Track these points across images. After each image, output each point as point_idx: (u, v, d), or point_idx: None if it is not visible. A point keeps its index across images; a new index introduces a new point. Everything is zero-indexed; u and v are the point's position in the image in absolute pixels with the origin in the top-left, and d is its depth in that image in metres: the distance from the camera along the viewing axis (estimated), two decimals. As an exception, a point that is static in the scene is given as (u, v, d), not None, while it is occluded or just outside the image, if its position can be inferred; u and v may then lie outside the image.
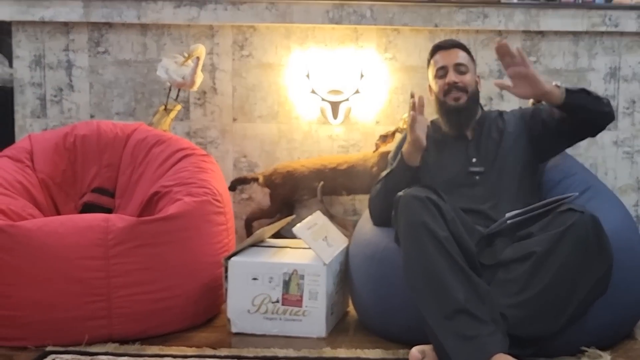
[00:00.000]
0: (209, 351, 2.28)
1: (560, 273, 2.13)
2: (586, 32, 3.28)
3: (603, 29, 3.25)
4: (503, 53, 2.30)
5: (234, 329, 2.46)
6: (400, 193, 2.29)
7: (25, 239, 2.26)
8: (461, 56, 2.63)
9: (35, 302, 2.26)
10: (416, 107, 2.43)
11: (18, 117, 3.39)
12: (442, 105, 2.61)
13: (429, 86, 2.70)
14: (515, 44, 3.22)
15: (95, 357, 2.21)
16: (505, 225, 2.30)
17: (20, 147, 2.78)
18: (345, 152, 3.36)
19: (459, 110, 2.58)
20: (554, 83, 2.34)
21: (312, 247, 2.46)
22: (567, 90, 2.35)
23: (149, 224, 2.37)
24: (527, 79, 2.30)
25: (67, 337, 2.29)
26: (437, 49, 2.67)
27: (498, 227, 2.32)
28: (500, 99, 3.29)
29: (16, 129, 3.39)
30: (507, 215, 2.32)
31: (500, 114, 2.72)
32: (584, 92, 2.40)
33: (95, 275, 2.28)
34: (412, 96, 2.44)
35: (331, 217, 2.99)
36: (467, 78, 2.59)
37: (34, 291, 2.26)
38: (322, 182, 3.14)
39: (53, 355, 2.21)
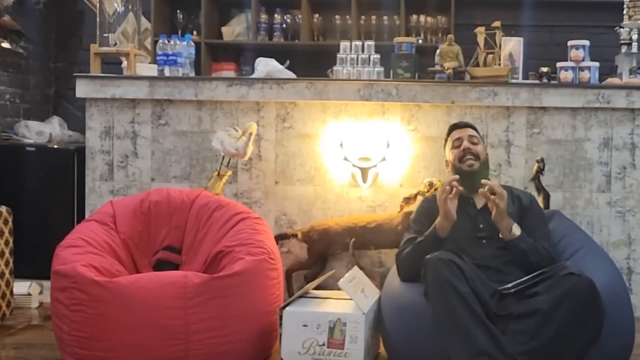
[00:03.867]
0: (268, 387, 2.70)
1: (562, 327, 2.51)
2: (582, 108, 3.73)
3: (597, 105, 3.70)
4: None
5: (286, 368, 2.87)
6: (428, 256, 2.71)
7: (120, 292, 2.66)
8: (472, 132, 3.12)
9: (126, 345, 2.66)
10: (454, 185, 2.84)
11: (88, 180, 3.84)
12: (457, 171, 3.04)
13: (446, 161, 3.14)
14: (521, 118, 3.72)
15: (177, 390, 2.63)
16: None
17: (104, 212, 3.19)
18: (373, 212, 3.78)
19: (472, 174, 3.01)
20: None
21: (353, 298, 2.88)
22: None
23: (219, 279, 2.77)
24: None
25: (151, 374, 2.68)
26: (453, 128, 3.16)
27: (506, 291, 2.72)
28: (508, 165, 3.75)
29: (87, 190, 3.85)
30: (508, 285, 2.72)
31: (510, 190, 3.12)
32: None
33: (176, 322, 2.68)
34: (452, 180, 2.85)
35: (360, 269, 3.35)
36: (479, 148, 3.07)
37: (126, 335, 2.66)
38: (353, 239, 3.56)
39: (144, 389, 2.63)
